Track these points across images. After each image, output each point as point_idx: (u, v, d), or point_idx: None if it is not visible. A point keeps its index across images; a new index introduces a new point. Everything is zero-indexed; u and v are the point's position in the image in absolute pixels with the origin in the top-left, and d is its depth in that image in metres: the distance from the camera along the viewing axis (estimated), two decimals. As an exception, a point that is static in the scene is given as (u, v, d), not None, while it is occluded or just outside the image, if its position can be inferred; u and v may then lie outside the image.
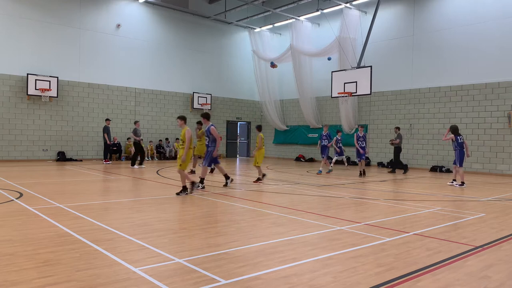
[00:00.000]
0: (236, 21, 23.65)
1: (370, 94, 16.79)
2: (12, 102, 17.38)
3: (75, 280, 3.49)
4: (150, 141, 21.17)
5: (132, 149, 16.67)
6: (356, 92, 16.76)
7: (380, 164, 19.62)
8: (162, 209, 7.12)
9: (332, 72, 17.97)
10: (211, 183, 10.71)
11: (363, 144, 14.61)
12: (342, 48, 19.24)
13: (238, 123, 25.92)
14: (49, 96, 18.02)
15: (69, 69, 18.81)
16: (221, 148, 24.71)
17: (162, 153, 21.25)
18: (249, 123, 26.29)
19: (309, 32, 22.39)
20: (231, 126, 25.30)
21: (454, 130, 11.91)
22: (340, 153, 15.96)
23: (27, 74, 17.49)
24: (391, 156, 19.36)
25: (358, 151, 14.62)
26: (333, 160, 16.22)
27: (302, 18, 22.05)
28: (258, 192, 9.53)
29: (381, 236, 5.34)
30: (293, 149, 24.49)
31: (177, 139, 22.20)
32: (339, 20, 20.03)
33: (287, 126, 24.83)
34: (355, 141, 14.62)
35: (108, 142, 17.68)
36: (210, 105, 23.32)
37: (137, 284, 3.44)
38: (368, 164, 19.66)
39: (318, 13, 20.61)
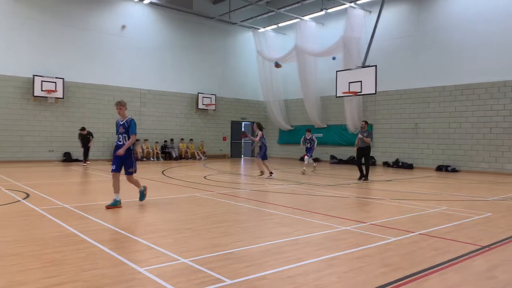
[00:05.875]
0: (240, 21, 23.66)
1: (375, 93, 16.75)
2: (18, 103, 17.50)
3: (81, 280, 3.50)
4: (156, 142, 21.26)
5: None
6: (361, 92, 16.73)
7: (386, 164, 19.52)
8: (167, 209, 7.14)
9: (336, 71, 17.95)
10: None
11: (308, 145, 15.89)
12: (347, 48, 19.20)
13: (243, 123, 25.94)
14: (55, 98, 18.14)
15: (75, 70, 18.91)
16: (225, 148, 24.76)
17: (168, 154, 21.30)
18: (253, 123, 26.22)
19: (313, 31, 22.35)
20: (235, 126, 25.31)
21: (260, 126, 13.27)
22: (308, 152, 15.83)
23: (33, 75, 17.61)
24: (396, 155, 19.31)
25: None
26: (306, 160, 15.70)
27: (306, 18, 22.02)
28: (263, 192, 9.53)
29: (386, 236, 5.31)
30: (298, 149, 24.40)
31: (182, 139, 22.27)
32: (344, 19, 19.98)
33: (291, 126, 24.80)
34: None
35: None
36: (214, 106, 23.35)
37: (142, 284, 3.45)
38: (373, 163, 19.57)
39: (323, 12, 20.58)
